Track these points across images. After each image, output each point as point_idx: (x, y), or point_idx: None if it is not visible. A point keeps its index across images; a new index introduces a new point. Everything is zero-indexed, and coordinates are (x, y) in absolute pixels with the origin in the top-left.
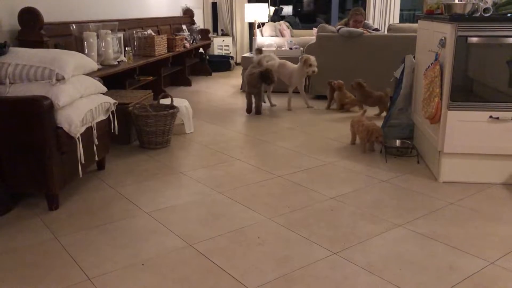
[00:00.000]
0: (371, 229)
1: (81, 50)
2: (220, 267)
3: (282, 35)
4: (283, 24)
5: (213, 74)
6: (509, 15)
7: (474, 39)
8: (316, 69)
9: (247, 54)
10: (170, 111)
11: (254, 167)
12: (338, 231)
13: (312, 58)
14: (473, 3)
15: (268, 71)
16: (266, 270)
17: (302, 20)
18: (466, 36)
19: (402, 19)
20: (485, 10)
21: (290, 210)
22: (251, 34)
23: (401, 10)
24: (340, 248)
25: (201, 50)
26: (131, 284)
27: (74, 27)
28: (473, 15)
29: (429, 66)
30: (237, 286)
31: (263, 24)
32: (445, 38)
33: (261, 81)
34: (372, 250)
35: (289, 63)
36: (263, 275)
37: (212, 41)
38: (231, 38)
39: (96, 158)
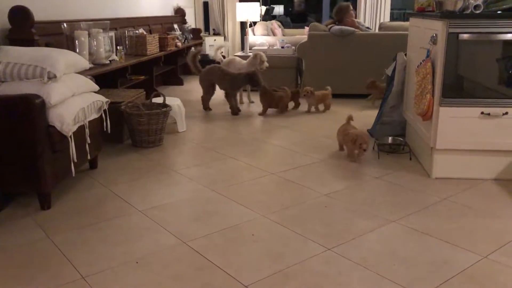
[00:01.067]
0: (365, 225)
1: (73, 49)
2: (214, 264)
3: (274, 34)
4: (274, 23)
5: None
6: (499, 12)
7: (465, 36)
8: (267, 64)
9: (239, 53)
10: (163, 109)
11: (247, 165)
12: (332, 227)
13: (263, 55)
14: (464, 0)
15: (255, 73)
16: (261, 267)
17: (293, 19)
18: (457, 33)
19: (392, 19)
20: (476, 7)
21: (284, 207)
22: (243, 34)
23: (391, 9)
24: (335, 244)
25: (192, 49)
26: (126, 281)
27: (65, 25)
28: (464, 12)
29: (420, 63)
30: (232, 282)
31: (254, 23)
32: (436, 35)
33: (246, 83)
34: (366, 246)
35: (237, 59)
36: (258, 272)
37: (203, 40)
38: (223, 37)
39: (89, 157)
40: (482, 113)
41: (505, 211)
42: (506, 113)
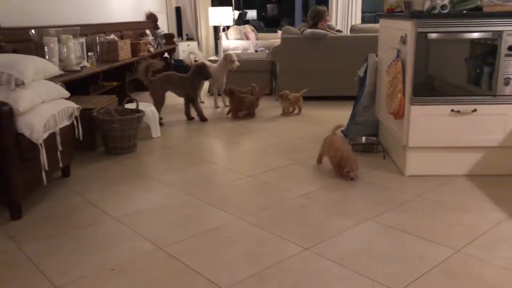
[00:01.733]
0: (341, 224)
1: (42, 56)
2: (192, 268)
3: (247, 39)
4: (248, 28)
5: None
6: (465, 11)
7: (434, 35)
8: (238, 63)
9: (212, 57)
10: (136, 115)
11: (224, 169)
12: (309, 227)
13: (234, 54)
14: (431, 0)
15: (203, 65)
16: (238, 269)
17: (266, 24)
18: (426, 32)
19: (364, 21)
20: (443, 7)
21: (261, 209)
22: (216, 38)
23: (362, 12)
24: (312, 244)
25: (166, 54)
26: None
27: (34, 32)
28: (432, 12)
29: (391, 63)
30: (209, 286)
31: (228, 27)
32: (405, 34)
33: (200, 77)
34: (343, 244)
35: (207, 63)
36: (235, 274)
37: (177, 45)
38: (196, 42)
39: (61, 165)
40: (452, 110)
41: (476, 206)
42: (475, 110)
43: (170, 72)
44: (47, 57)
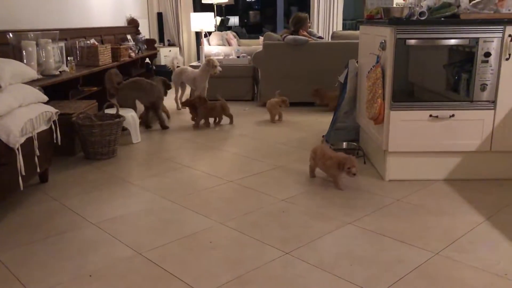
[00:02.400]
0: (322, 228)
1: (20, 60)
2: (171, 274)
3: (229, 44)
4: (230, 34)
5: None
6: (442, 18)
7: (412, 41)
8: (220, 68)
9: (194, 63)
10: (116, 120)
11: (205, 174)
12: (289, 231)
13: (216, 60)
14: (410, 7)
15: (166, 81)
16: (219, 274)
17: (249, 30)
18: (405, 39)
19: (345, 28)
20: (421, 14)
21: (242, 214)
22: (198, 44)
23: (344, 20)
24: (292, 248)
25: (147, 60)
26: None
27: (11, 35)
28: (410, 19)
29: (371, 69)
30: None
31: (209, 33)
32: (385, 41)
33: (164, 89)
34: (323, 248)
35: (189, 69)
36: (216, 279)
37: (158, 51)
38: (178, 48)
39: (38, 170)
40: (430, 116)
41: (455, 210)
42: (453, 115)
43: (139, 78)
44: (25, 61)
